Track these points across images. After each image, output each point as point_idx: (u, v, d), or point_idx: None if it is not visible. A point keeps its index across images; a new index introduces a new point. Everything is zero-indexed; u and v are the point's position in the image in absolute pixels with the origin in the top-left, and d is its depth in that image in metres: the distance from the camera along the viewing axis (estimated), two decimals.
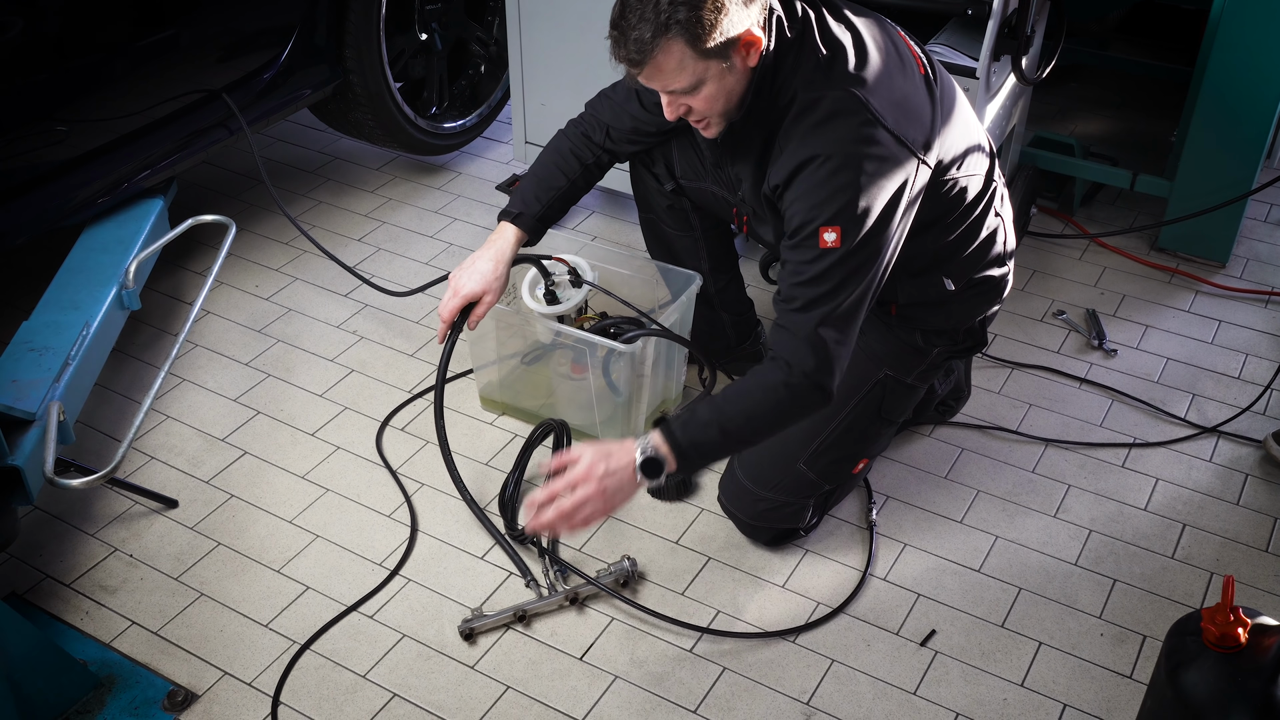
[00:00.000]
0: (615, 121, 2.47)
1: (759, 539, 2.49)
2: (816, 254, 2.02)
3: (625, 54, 1.96)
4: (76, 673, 2.16)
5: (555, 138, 2.54)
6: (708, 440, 2.08)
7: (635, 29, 1.92)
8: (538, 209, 2.48)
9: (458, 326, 2.48)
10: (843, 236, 2.00)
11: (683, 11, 1.89)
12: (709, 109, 2.05)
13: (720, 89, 2.01)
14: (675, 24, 1.90)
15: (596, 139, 2.49)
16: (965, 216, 2.24)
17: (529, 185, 2.51)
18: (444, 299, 2.46)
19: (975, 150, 2.22)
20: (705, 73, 1.97)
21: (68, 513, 2.56)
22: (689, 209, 2.65)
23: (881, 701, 2.19)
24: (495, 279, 2.45)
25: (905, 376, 2.38)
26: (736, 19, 1.93)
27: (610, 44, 1.98)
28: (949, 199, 2.18)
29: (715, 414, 2.08)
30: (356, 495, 2.62)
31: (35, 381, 2.31)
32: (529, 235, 2.49)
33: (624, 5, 1.94)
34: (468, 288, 2.44)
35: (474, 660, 2.26)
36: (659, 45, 1.92)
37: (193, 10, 2.90)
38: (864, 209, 1.99)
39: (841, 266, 2.02)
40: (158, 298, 3.18)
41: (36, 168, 2.68)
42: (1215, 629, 1.72)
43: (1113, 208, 3.62)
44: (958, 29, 2.80)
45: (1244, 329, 3.13)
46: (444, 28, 3.61)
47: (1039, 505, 2.61)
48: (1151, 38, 4.09)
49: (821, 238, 2.00)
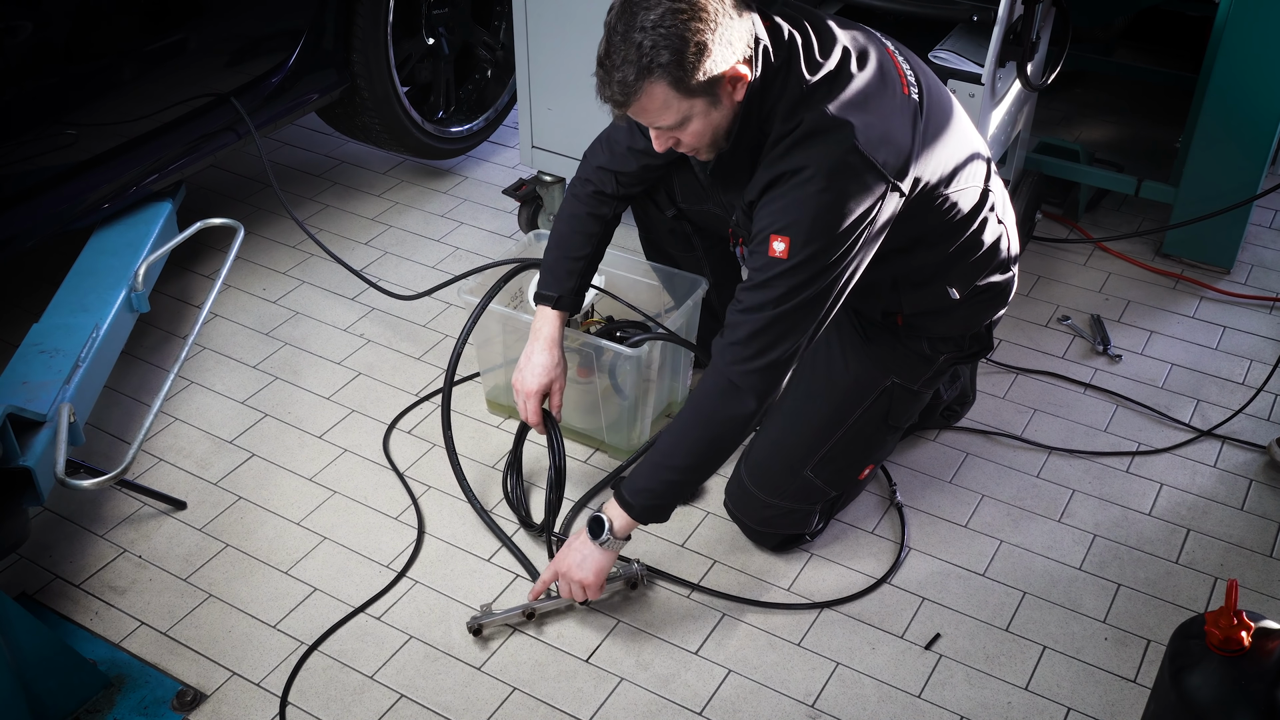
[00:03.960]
0: (622, 166, 2.42)
1: (765, 544, 2.50)
2: (765, 261, 2.03)
3: (610, 94, 1.95)
4: (86, 672, 2.18)
5: (567, 203, 2.49)
6: (650, 482, 2.18)
7: (619, 70, 1.91)
8: (572, 284, 2.45)
9: (550, 417, 2.49)
10: (790, 248, 2.00)
11: (665, 55, 1.87)
12: (697, 143, 2.05)
13: (707, 125, 2.00)
14: (658, 66, 1.88)
15: (609, 191, 2.45)
16: (962, 229, 2.23)
17: (556, 261, 2.46)
18: (520, 405, 2.46)
19: (970, 162, 2.20)
20: (691, 110, 1.96)
21: (77, 514, 2.57)
22: (690, 231, 2.65)
23: (886, 705, 2.20)
24: (555, 365, 2.45)
25: (912, 383, 2.39)
26: (720, 58, 1.91)
27: (596, 82, 1.97)
28: (941, 214, 2.17)
29: (653, 454, 2.19)
30: (364, 497, 2.63)
31: (46, 383, 2.32)
32: (570, 312, 2.48)
33: (609, 44, 1.93)
34: (535, 384, 2.44)
35: (481, 661, 2.27)
36: (642, 88, 1.91)
37: (201, 15, 2.92)
38: (819, 225, 1.98)
39: (786, 277, 2.02)
40: (166, 300, 3.19)
41: (46, 171, 2.70)
42: (1219, 633, 1.72)
43: (1117, 213, 3.63)
44: (963, 35, 2.80)
45: (1248, 335, 3.14)
46: (451, 32, 3.63)
47: (1044, 510, 2.61)
48: (1156, 44, 4.09)
49: (771, 245, 2.01)
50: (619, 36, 1.90)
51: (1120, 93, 3.94)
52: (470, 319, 2.61)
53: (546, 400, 2.49)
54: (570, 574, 2.23)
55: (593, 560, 2.23)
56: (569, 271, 2.45)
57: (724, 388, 2.10)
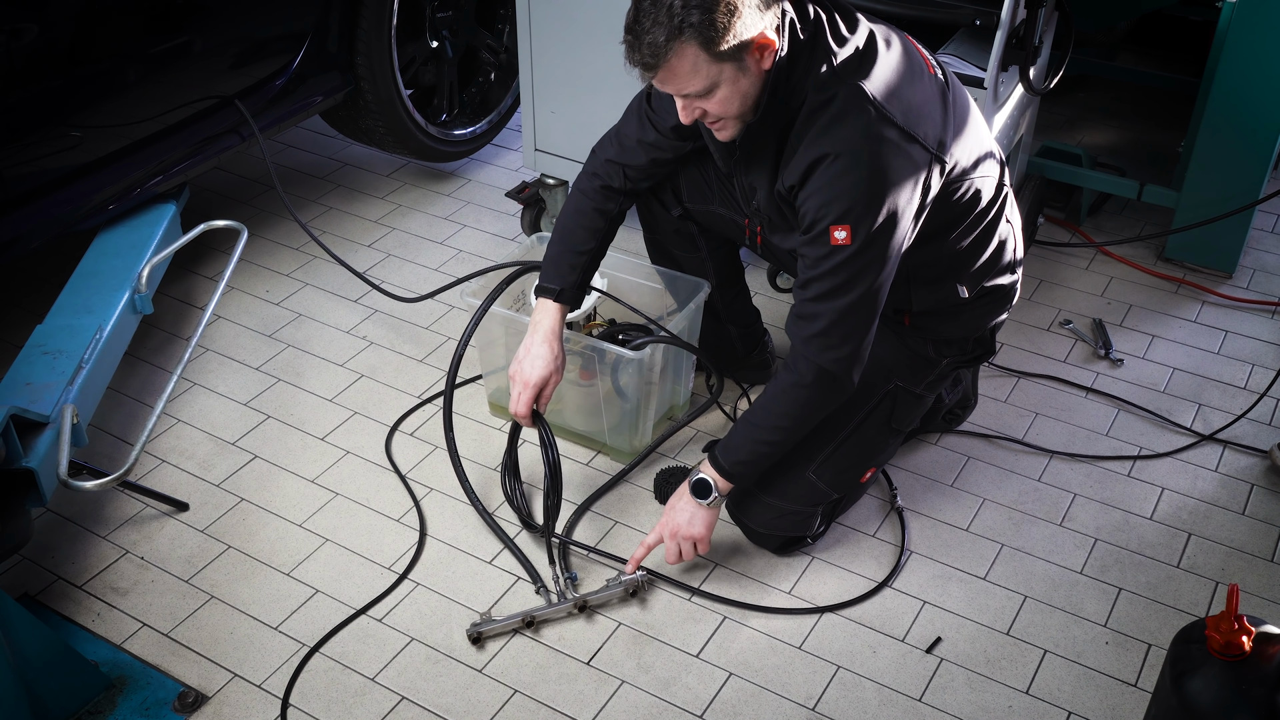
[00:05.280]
0: (631, 160, 2.42)
1: (767, 546, 2.50)
2: (828, 250, 2.06)
3: (639, 58, 1.97)
4: (88, 673, 2.18)
5: (573, 198, 2.48)
6: (748, 455, 2.27)
7: (649, 33, 1.93)
8: (574, 278, 2.44)
9: (538, 414, 2.48)
10: (853, 234, 2.03)
11: (696, 15, 1.90)
12: (724, 111, 2.06)
13: (735, 91, 2.02)
14: (689, 27, 1.91)
15: (616, 185, 2.45)
16: (979, 221, 2.25)
17: (559, 255, 2.46)
18: (513, 395, 2.44)
19: (988, 157, 2.24)
20: (719, 76, 1.98)
21: (80, 515, 2.58)
22: (695, 232, 2.65)
23: (887, 708, 2.20)
24: (554, 358, 2.44)
25: (915, 387, 2.39)
26: (750, 22, 1.94)
27: (625, 49, 1.99)
28: (962, 203, 2.20)
29: (749, 429, 2.28)
30: (366, 499, 2.63)
31: (49, 384, 2.33)
32: (571, 306, 2.47)
33: (638, 10, 1.95)
34: (533, 376, 2.42)
35: (482, 664, 2.27)
36: (673, 49, 1.93)
37: (206, 17, 2.93)
38: (874, 206, 2.01)
39: (853, 262, 2.05)
40: (170, 302, 3.20)
41: (51, 173, 2.70)
42: (1220, 637, 1.72)
43: (1120, 218, 3.63)
44: (966, 39, 2.81)
45: (1250, 339, 3.14)
46: (455, 35, 3.64)
47: (1045, 514, 2.61)
48: (1159, 48, 4.09)
49: (832, 235, 2.04)
50: (648, 1, 1.93)
51: (1123, 97, 3.94)
52: (472, 321, 2.61)
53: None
54: (681, 531, 2.34)
55: (701, 517, 2.33)
56: (571, 265, 2.45)
57: (821, 377, 2.17)
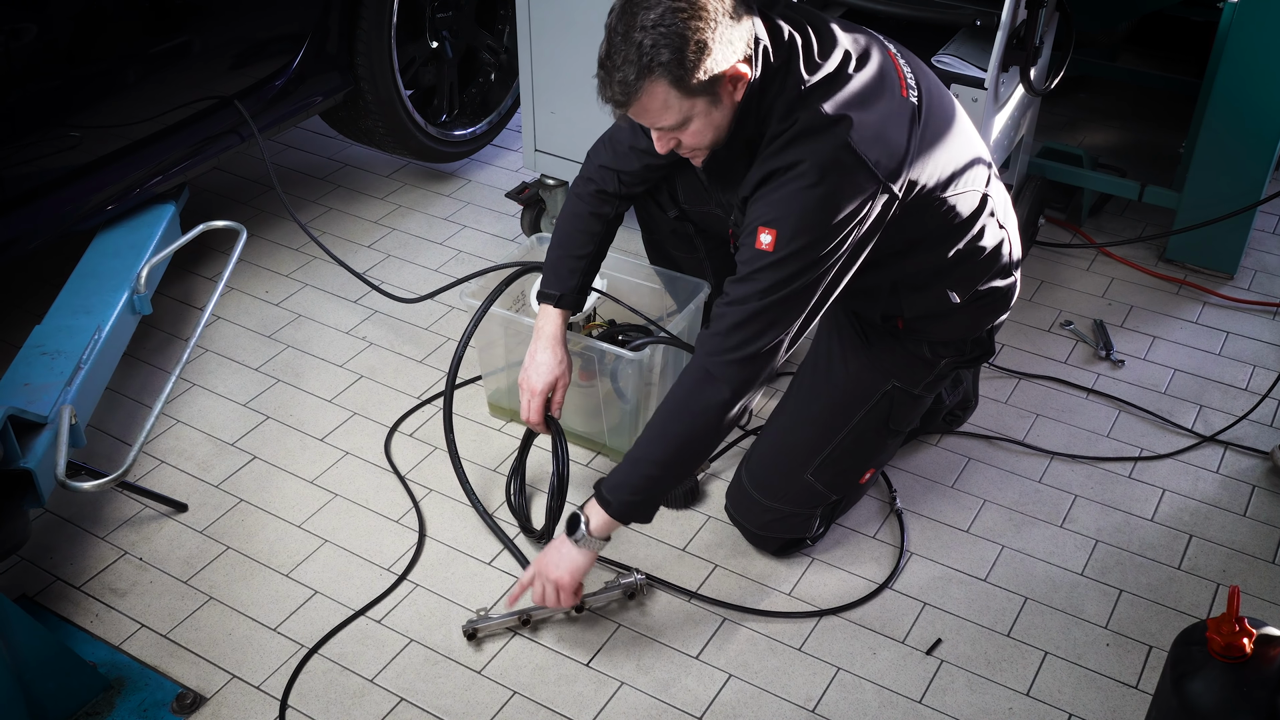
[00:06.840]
0: (625, 165, 2.42)
1: (766, 548, 2.49)
2: (752, 254, 2.03)
3: (610, 95, 1.96)
4: (86, 675, 2.17)
5: (570, 202, 2.49)
6: (630, 478, 2.15)
7: (619, 70, 1.91)
8: (574, 282, 2.44)
9: (551, 419, 2.48)
10: (777, 241, 1.99)
11: (665, 53, 1.87)
12: (698, 143, 2.05)
13: (708, 124, 2.00)
14: (659, 65, 1.88)
15: (611, 189, 2.45)
16: (960, 233, 2.22)
17: (558, 260, 2.46)
18: (523, 404, 2.45)
19: (971, 167, 2.19)
20: (692, 110, 1.96)
21: (78, 516, 2.57)
22: (693, 232, 2.65)
23: (887, 710, 2.20)
24: (559, 363, 2.44)
25: (913, 388, 2.39)
26: (720, 57, 1.91)
27: (598, 83, 1.98)
28: (939, 218, 2.17)
29: (631, 451, 2.17)
30: (365, 500, 2.63)
31: (47, 385, 2.32)
32: (572, 310, 2.47)
33: (609, 45, 1.93)
34: (540, 383, 2.43)
35: (481, 665, 2.27)
36: (643, 87, 1.91)
37: (205, 17, 2.92)
38: (806, 220, 1.98)
39: (773, 270, 2.02)
40: (169, 303, 3.20)
41: (50, 173, 2.70)
42: (1220, 639, 1.72)
43: (1121, 218, 3.63)
44: (966, 40, 2.80)
45: (1251, 340, 3.13)
46: (455, 36, 3.63)
47: (1046, 515, 2.61)
48: (1160, 49, 4.09)
49: (758, 238, 2.01)
50: (619, 37, 1.91)
51: (1124, 98, 3.94)
52: (471, 322, 2.61)
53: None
54: (546, 573, 2.20)
55: (568, 560, 2.18)
56: (571, 270, 2.45)
57: (700, 377, 2.10)
